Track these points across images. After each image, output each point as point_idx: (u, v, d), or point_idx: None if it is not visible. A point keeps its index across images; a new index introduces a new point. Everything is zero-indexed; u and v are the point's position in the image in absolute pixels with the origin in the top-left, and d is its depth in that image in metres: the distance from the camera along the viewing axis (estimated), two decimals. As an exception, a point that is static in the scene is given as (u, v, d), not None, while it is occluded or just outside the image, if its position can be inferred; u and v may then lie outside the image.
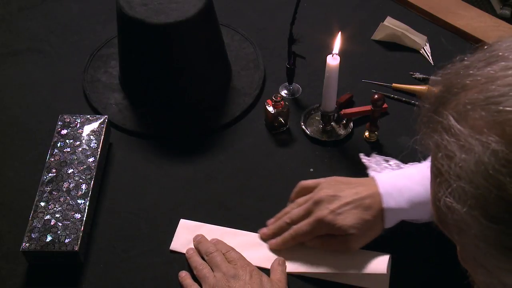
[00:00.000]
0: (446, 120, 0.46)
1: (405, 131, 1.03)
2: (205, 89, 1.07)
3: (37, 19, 1.24)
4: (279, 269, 0.84)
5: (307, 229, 0.84)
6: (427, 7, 1.22)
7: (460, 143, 0.44)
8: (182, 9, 0.97)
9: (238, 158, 1.01)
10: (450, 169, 0.44)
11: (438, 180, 0.47)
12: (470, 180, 0.43)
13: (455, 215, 0.45)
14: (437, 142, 0.46)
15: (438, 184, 0.47)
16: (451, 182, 0.44)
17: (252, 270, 0.81)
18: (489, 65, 0.46)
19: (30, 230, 0.85)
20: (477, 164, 0.42)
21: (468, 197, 0.43)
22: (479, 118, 0.43)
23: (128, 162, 1.00)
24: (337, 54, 0.94)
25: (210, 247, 0.86)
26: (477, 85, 0.45)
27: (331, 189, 0.84)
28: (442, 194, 0.46)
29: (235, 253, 0.85)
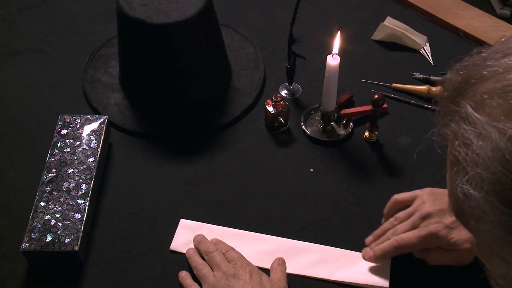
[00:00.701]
0: (463, 109, 0.47)
1: (405, 131, 1.03)
2: (205, 89, 1.07)
3: (37, 19, 1.24)
4: (279, 268, 0.84)
5: (417, 241, 0.80)
6: (427, 7, 1.22)
7: (477, 131, 0.45)
8: (182, 9, 0.97)
9: (238, 158, 1.01)
10: (467, 157, 0.45)
11: (455, 169, 0.47)
12: (486, 167, 0.43)
13: (472, 202, 0.45)
14: (454, 130, 0.47)
15: (455, 173, 0.47)
16: (468, 169, 0.45)
17: (252, 270, 0.82)
18: (506, 56, 0.47)
19: (30, 230, 0.85)
20: (494, 150, 0.43)
21: (485, 183, 0.44)
22: (496, 106, 0.44)
23: (128, 162, 1.00)
24: (337, 54, 0.94)
25: (210, 246, 0.86)
26: (494, 75, 0.46)
27: (436, 203, 0.82)
28: (459, 182, 0.46)
29: (235, 252, 0.85)
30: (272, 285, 0.80)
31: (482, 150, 0.44)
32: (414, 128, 1.04)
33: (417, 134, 1.02)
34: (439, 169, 0.96)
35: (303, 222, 0.91)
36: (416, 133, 1.02)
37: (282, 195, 0.95)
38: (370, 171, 0.98)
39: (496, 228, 0.45)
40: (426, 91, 1.07)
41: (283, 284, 0.82)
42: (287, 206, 0.93)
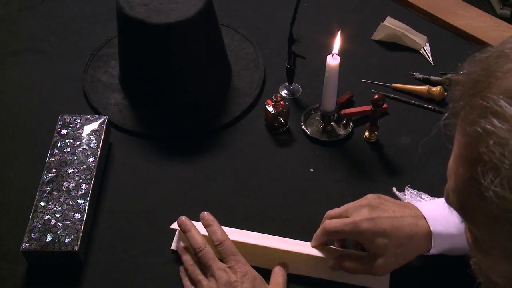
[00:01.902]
0: (495, 105, 0.44)
1: (405, 131, 1.03)
2: (205, 89, 1.07)
3: (37, 19, 1.24)
4: (280, 273, 0.83)
5: (337, 227, 0.80)
6: (427, 7, 1.22)
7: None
8: (182, 9, 0.97)
9: (238, 158, 1.01)
10: (503, 157, 0.43)
11: (480, 169, 0.45)
12: None
13: (504, 204, 0.43)
14: (485, 128, 0.44)
15: (481, 173, 0.44)
16: (502, 170, 0.43)
17: (244, 274, 0.79)
18: None
19: (30, 230, 0.85)
20: None
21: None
22: None
23: (128, 162, 1.00)
24: (337, 54, 0.94)
25: (199, 241, 0.82)
26: None
27: (376, 200, 0.81)
28: (489, 183, 0.44)
29: (229, 244, 0.82)
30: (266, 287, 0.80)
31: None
32: (414, 128, 1.04)
33: (417, 134, 1.02)
34: (439, 169, 0.96)
35: (303, 222, 0.91)
36: (416, 133, 1.02)
37: (282, 195, 0.95)
38: (370, 171, 0.98)
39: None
40: (426, 91, 1.07)
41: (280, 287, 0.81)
42: (287, 206, 0.93)
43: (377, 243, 0.78)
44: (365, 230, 0.78)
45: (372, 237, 0.78)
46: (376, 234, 0.78)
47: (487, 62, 0.47)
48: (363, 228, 0.78)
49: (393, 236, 0.77)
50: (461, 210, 0.50)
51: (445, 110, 1.06)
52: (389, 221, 0.78)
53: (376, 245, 0.78)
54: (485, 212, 0.46)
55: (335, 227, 0.80)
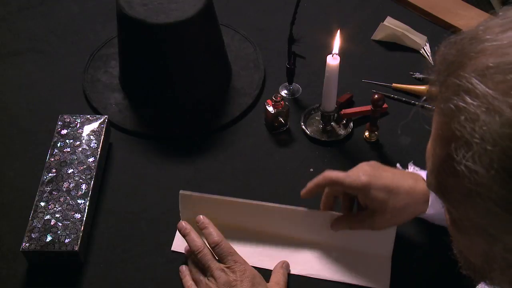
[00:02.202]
0: (467, 83, 0.45)
1: (405, 131, 1.03)
2: (205, 89, 1.07)
3: (37, 19, 1.24)
4: (281, 271, 0.83)
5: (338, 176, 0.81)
6: (427, 7, 1.22)
7: (485, 105, 0.43)
8: (182, 9, 0.97)
9: (238, 158, 1.01)
10: (474, 132, 0.44)
11: (453, 145, 0.46)
12: (495, 143, 0.43)
13: (475, 178, 0.44)
14: (457, 105, 0.45)
15: (454, 149, 0.46)
16: (473, 145, 0.44)
17: (243, 272, 0.80)
18: (507, 31, 0.46)
19: (30, 230, 0.85)
20: (504, 125, 0.42)
21: (492, 160, 0.43)
22: (505, 81, 0.43)
23: (128, 162, 1.00)
24: (337, 54, 0.94)
25: (198, 243, 0.83)
26: (498, 49, 0.45)
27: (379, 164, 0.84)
28: (461, 158, 0.45)
29: (225, 244, 0.82)
30: (265, 285, 0.80)
31: (490, 126, 0.43)
32: (414, 128, 1.04)
33: (417, 134, 1.02)
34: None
35: (303, 222, 0.91)
36: (416, 133, 1.02)
37: (282, 195, 0.95)
38: (370, 171, 0.98)
39: (496, 205, 0.44)
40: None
41: (280, 286, 0.81)
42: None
43: (376, 197, 0.79)
44: (366, 183, 0.79)
45: (372, 191, 0.79)
46: (376, 188, 0.79)
47: (461, 44, 0.49)
48: (363, 181, 0.79)
49: (392, 191, 0.79)
50: (438, 190, 0.52)
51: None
52: (389, 177, 0.80)
53: (376, 199, 0.79)
54: (459, 189, 0.47)
55: (337, 176, 0.82)
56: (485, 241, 0.50)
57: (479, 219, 0.48)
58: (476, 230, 0.50)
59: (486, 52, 0.46)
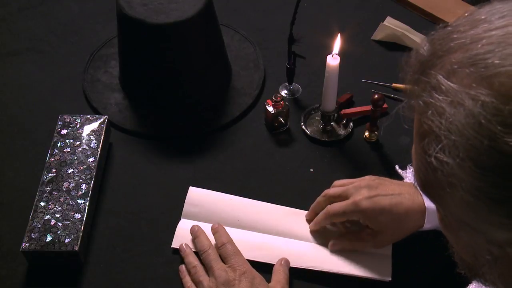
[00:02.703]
0: (434, 80, 0.48)
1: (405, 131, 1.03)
2: (205, 89, 1.07)
3: (37, 19, 1.24)
4: (281, 269, 0.84)
5: (339, 210, 0.85)
6: (427, 7, 1.22)
7: (450, 99, 0.46)
8: (182, 9, 0.97)
9: (238, 158, 1.00)
10: (441, 125, 0.46)
11: (426, 140, 0.48)
12: (461, 133, 0.44)
13: (446, 169, 0.46)
14: (426, 101, 0.48)
15: (427, 144, 0.48)
16: (442, 137, 0.46)
17: (243, 272, 0.81)
18: (472, 28, 0.48)
19: (30, 230, 0.85)
20: (468, 116, 0.44)
21: (460, 150, 0.45)
22: (467, 75, 0.45)
23: (128, 162, 1.00)
24: (337, 54, 0.94)
25: (205, 244, 0.85)
26: (462, 46, 0.47)
27: (375, 181, 0.85)
28: (433, 151, 0.47)
29: (230, 246, 0.84)
30: (266, 286, 0.80)
31: (455, 117, 0.45)
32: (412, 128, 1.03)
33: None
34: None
35: (303, 222, 0.91)
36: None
37: (282, 195, 0.95)
38: (370, 171, 0.98)
39: (468, 195, 0.46)
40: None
41: (281, 285, 0.81)
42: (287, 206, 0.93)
43: (377, 220, 0.83)
44: (366, 209, 0.82)
45: (373, 215, 0.83)
46: (376, 212, 0.82)
47: (432, 44, 0.52)
48: (363, 207, 0.82)
49: (392, 212, 0.82)
50: (423, 188, 0.53)
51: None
52: (387, 199, 0.83)
53: (377, 222, 0.83)
54: (437, 183, 0.48)
55: (338, 210, 0.85)
56: (468, 234, 0.51)
57: (458, 212, 0.49)
58: (459, 224, 0.51)
59: (452, 49, 0.48)
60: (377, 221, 0.83)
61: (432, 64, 0.50)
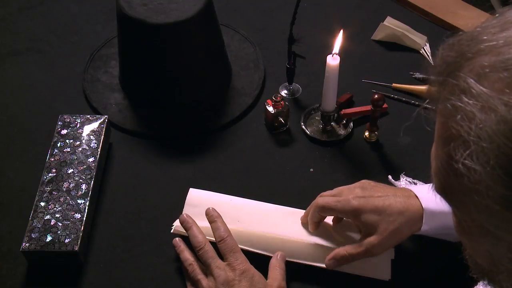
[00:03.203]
0: (464, 83, 0.46)
1: (405, 131, 1.03)
2: (205, 89, 1.07)
3: (37, 19, 1.24)
4: (277, 265, 0.83)
5: (329, 203, 0.82)
6: (427, 7, 1.22)
7: (481, 104, 0.44)
8: (182, 9, 0.97)
9: (238, 158, 1.01)
10: (471, 130, 0.44)
11: (452, 145, 0.47)
12: (491, 140, 0.43)
13: (474, 176, 0.45)
14: (454, 104, 0.46)
15: (453, 149, 0.46)
16: (470, 144, 0.44)
17: (243, 272, 0.79)
18: (503, 30, 0.47)
19: (30, 230, 0.85)
20: (499, 123, 0.43)
21: (489, 157, 0.43)
22: (499, 80, 0.44)
23: (128, 162, 1.00)
24: (337, 54, 0.94)
25: (200, 240, 0.83)
26: (493, 49, 0.46)
27: (370, 184, 0.84)
28: (460, 157, 0.45)
29: (230, 241, 0.82)
30: (265, 284, 0.79)
31: (486, 123, 0.43)
32: (414, 128, 1.03)
33: (417, 134, 1.02)
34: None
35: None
36: (416, 133, 1.02)
37: (282, 195, 0.95)
38: (370, 171, 0.98)
39: (495, 203, 0.45)
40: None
41: (278, 282, 0.80)
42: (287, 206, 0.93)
43: (368, 219, 0.80)
44: (357, 207, 0.80)
45: (364, 214, 0.80)
46: (367, 211, 0.80)
47: (459, 45, 0.50)
48: (354, 205, 0.80)
49: (384, 212, 0.79)
50: (442, 192, 0.52)
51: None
52: (380, 199, 0.81)
53: (368, 221, 0.80)
54: (460, 188, 0.47)
55: (327, 202, 0.83)
56: (489, 241, 0.50)
57: (481, 219, 0.48)
58: (480, 231, 0.50)
59: (482, 52, 0.47)
60: (368, 221, 0.80)
61: (459, 66, 0.48)
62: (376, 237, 0.80)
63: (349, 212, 0.81)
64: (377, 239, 0.79)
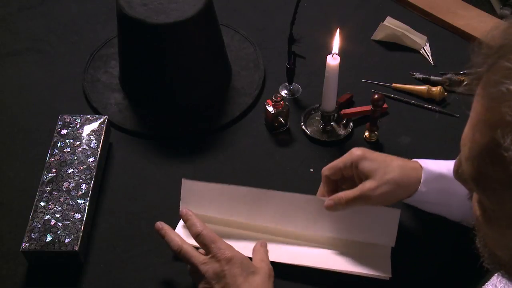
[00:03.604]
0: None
1: (405, 131, 1.03)
2: (205, 89, 1.07)
3: (37, 19, 1.24)
4: (261, 250, 0.83)
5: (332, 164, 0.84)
6: (427, 7, 1.22)
7: None
8: (182, 9, 0.97)
9: (238, 158, 1.01)
10: None
11: (500, 131, 0.45)
12: None
13: None
14: (509, 88, 0.44)
15: (501, 135, 0.45)
16: None
17: (229, 259, 0.77)
18: None
19: (30, 230, 0.85)
20: None
21: None
22: None
23: (128, 162, 1.00)
24: (337, 54, 0.94)
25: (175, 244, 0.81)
26: None
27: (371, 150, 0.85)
28: (510, 143, 0.44)
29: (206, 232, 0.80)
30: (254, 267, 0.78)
31: None
32: (414, 128, 1.04)
33: (417, 134, 1.02)
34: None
35: (303, 222, 0.91)
36: (416, 133, 1.02)
37: (282, 195, 0.95)
38: (370, 171, 0.98)
39: None
40: (426, 91, 1.07)
41: (266, 262, 0.80)
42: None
43: (367, 166, 0.81)
44: (360, 154, 0.82)
45: (364, 161, 0.81)
46: (368, 158, 0.81)
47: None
48: (357, 153, 0.82)
49: (384, 163, 0.81)
50: (474, 179, 0.50)
51: (445, 110, 1.07)
52: (382, 155, 0.83)
53: (366, 168, 0.81)
54: (498, 177, 0.46)
55: (331, 165, 0.84)
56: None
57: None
58: (508, 222, 0.49)
59: None
60: (368, 168, 0.80)
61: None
62: (372, 181, 0.80)
63: (353, 160, 0.82)
64: (373, 184, 0.79)
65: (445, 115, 1.05)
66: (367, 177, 0.81)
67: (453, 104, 1.06)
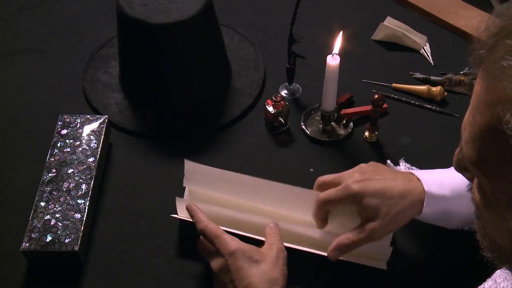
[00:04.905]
0: None
1: (405, 131, 1.03)
2: (205, 89, 1.07)
3: (37, 19, 1.24)
4: (272, 232, 0.81)
5: (330, 195, 0.81)
6: (427, 7, 1.22)
7: None
8: (182, 9, 0.97)
9: (238, 158, 1.01)
10: None
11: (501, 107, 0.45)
12: None
13: None
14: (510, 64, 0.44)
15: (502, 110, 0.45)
16: None
17: (231, 253, 0.76)
18: None
19: (30, 230, 0.85)
20: None
21: None
22: None
23: (128, 162, 1.00)
24: (337, 54, 0.94)
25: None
26: None
27: (369, 167, 0.82)
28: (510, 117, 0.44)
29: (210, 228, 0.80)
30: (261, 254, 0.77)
31: None
32: (414, 128, 1.04)
33: (417, 134, 1.02)
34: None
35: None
36: (416, 133, 1.02)
37: (282, 195, 0.95)
38: (370, 171, 0.98)
39: None
40: (426, 91, 1.07)
41: (276, 245, 0.78)
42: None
43: (369, 203, 0.77)
44: (356, 192, 0.78)
45: (364, 198, 0.78)
46: (367, 195, 0.78)
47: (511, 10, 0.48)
48: (354, 190, 0.78)
49: (385, 195, 0.77)
50: (474, 162, 0.50)
51: (445, 110, 1.07)
52: (380, 182, 0.79)
53: (369, 205, 0.78)
54: (498, 156, 0.46)
55: (328, 196, 0.81)
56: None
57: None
58: (508, 204, 0.49)
59: None
60: (369, 205, 0.77)
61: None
62: (378, 221, 0.77)
63: (350, 198, 0.79)
64: (379, 224, 0.77)
65: (445, 115, 1.05)
66: (368, 213, 0.78)
67: (453, 104, 1.06)
